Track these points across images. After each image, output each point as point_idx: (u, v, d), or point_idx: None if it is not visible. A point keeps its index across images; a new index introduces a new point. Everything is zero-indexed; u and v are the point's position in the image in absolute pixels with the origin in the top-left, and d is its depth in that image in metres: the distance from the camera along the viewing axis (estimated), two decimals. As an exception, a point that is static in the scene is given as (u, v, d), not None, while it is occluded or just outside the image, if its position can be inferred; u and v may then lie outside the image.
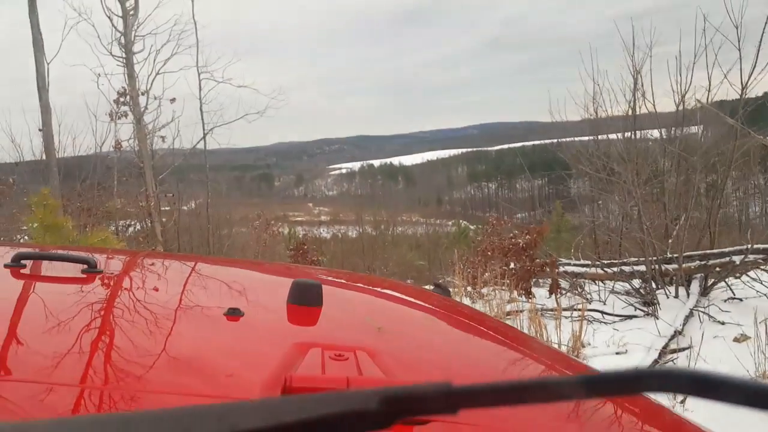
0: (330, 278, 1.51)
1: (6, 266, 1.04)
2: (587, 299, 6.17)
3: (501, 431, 0.63)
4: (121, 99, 10.95)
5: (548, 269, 5.82)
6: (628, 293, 6.56)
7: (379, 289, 1.43)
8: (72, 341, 0.72)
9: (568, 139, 10.62)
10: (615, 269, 6.48)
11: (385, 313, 1.15)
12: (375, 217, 32.92)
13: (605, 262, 6.59)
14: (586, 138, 9.44)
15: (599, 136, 8.88)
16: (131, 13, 10.37)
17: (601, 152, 7.92)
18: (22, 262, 1.06)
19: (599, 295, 6.24)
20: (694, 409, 2.61)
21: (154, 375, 0.66)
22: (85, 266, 1.07)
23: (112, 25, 10.42)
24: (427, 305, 1.24)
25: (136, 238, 11.46)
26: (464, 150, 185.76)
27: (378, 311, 1.16)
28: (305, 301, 0.94)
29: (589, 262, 6.88)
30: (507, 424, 0.64)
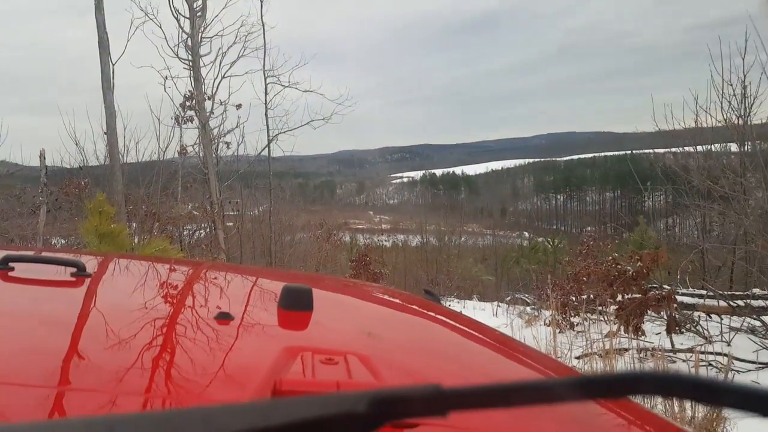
0: (320, 283, 1.53)
1: None
2: (708, 339, 5.12)
3: None
4: (187, 103, 10.78)
5: (664, 303, 4.86)
6: (752, 331, 5.47)
7: (369, 294, 1.46)
8: (54, 344, 0.72)
9: (645, 151, 9.72)
10: (741, 302, 5.40)
11: (375, 318, 1.14)
12: (438, 227, 32.03)
13: (728, 293, 5.52)
14: (666, 150, 8.68)
15: (705, 147, 7.86)
16: (198, 14, 10.16)
17: (714, 162, 6.89)
18: (10, 264, 1.05)
19: (723, 336, 5.17)
20: None
21: (139, 379, 0.64)
22: (75, 270, 1.07)
23: (179, 26, 10.25)
24: (417, 310, 1.24)
25: (199, 245, 11.24)
26: (531, 160, 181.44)
27: (368, 316, 1.16)
28: (296, 305, 0.92)
29: (705, 293, 5.81)
30: (497, 427, 0.61)
